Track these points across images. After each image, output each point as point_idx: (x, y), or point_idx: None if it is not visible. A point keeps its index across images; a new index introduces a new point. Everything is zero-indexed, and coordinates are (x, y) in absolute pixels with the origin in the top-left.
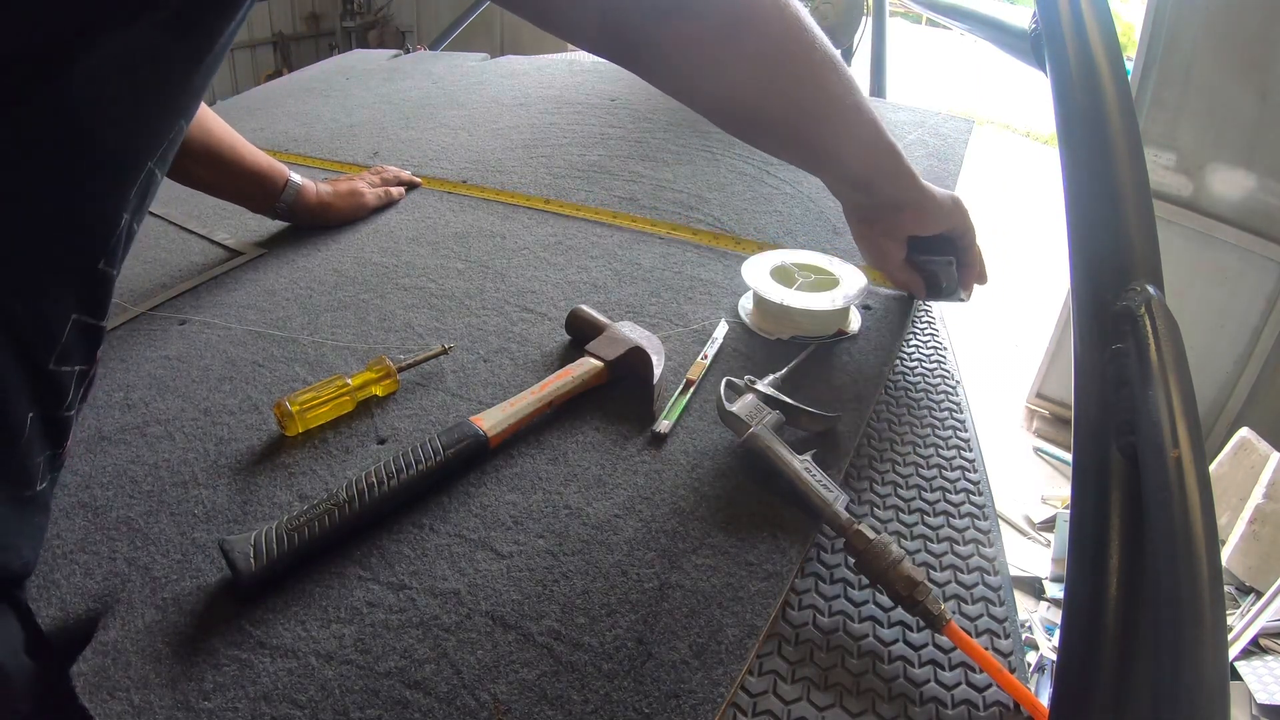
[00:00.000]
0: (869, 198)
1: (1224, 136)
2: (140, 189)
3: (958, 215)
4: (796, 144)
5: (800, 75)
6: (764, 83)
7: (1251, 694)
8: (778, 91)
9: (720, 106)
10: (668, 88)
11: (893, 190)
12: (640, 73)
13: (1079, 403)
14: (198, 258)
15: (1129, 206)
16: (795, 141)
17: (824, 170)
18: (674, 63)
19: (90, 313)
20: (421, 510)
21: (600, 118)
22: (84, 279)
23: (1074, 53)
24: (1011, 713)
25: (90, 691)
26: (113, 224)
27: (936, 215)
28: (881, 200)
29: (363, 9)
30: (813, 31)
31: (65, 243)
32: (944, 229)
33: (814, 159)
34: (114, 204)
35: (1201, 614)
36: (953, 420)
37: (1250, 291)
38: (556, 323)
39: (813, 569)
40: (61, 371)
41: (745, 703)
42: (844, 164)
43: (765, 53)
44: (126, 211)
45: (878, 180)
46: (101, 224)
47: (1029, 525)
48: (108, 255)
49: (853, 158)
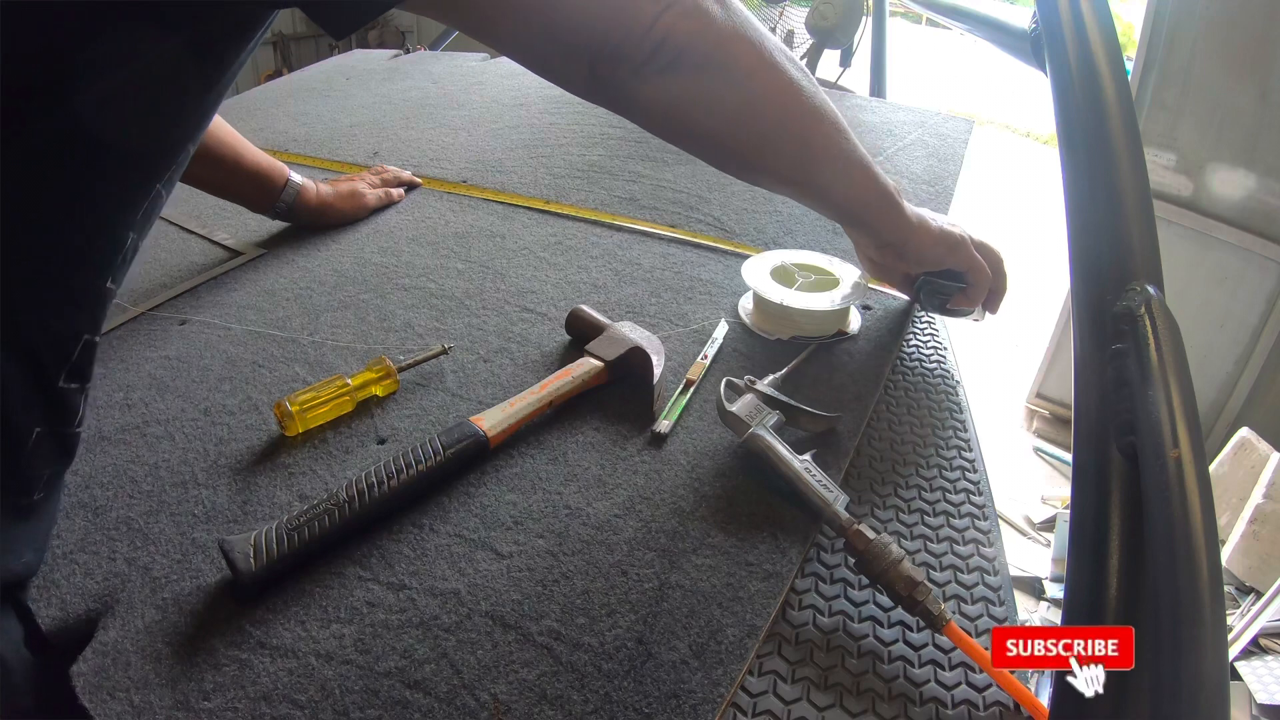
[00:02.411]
0: (864, 235)
1: (1224, 136)
2: (148, 209)
3: (958, 254)
4: (787, 185)
5: (787, 125)
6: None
7: (1251, 694)
8: (763, 141)
9: (709, 152)
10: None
11: (887, 232)
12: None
13: (1079, 403)
14: (198, 258)
15: (1129, 207)
16: (787, 183)
17: (818, 208)
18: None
19: (94, 330)
20: (421, 510)
21: (600, 118)
22: (93, 297)
23: (1074, 53)
24: (1011, 713)
25: (90, 691)
26: (120, 243)
27: (930, 257)
28: (876, 239)
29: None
30: (801, 82)
31: (78, 262)
32: (940, 268)
33: (806, 198)
34: (123, 224)
35: (1201, 614)
36: (953, 420)
37: (1250, 291)
38: (556, 323)
39: (813, 569)
40: (70, 389)
41: (745, 703)
42: (834, 204)
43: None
44: (133, 230)
45: (869, 219)
46: (111, 243)
47: (1029, 525)
48: (114, 273)
49: (843, 198)
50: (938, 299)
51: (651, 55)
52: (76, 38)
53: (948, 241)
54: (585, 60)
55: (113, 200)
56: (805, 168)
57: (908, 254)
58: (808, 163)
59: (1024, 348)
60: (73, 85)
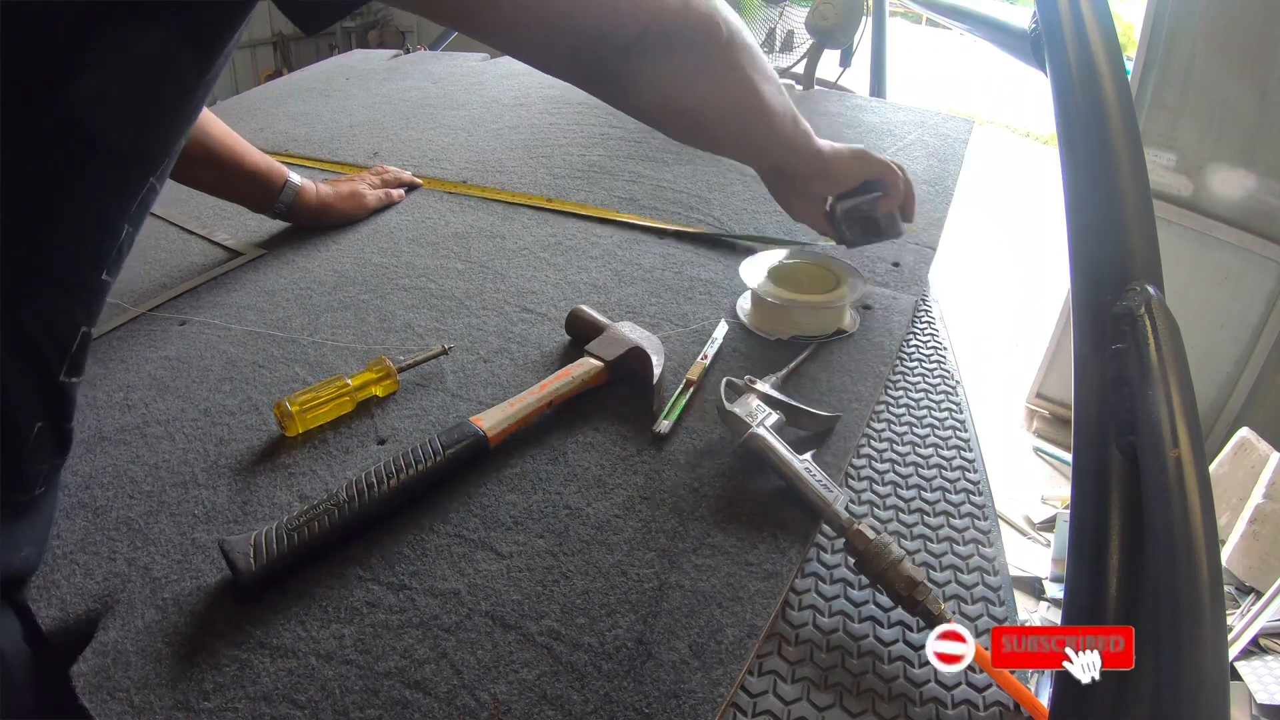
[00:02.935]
0: (784, 173)
1: (1224, 136)
2: (142, 201)
3: (865, 166)
4: (733, 145)
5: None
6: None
7: (1251, 694)
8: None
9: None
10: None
11: (804, 167)
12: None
13: (1079, 403)
14: (198, 258)
15: (1129, 207)
16: (732, 143)
17: (753, 162)
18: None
19: (91, 323)
20: (421, 510)
21: (600, 118)
22: (90, 290)
23: (1074, 53)
24: (1011, 713)
25: (90, 692)
26: (115, 235)
27: (842, 177)
28: (794, 174)
29: (363, 9)
30: (753, 47)
31: (75, 255)
32: (851, 185)
33: (746, 155)
34: (118, 216)
35: (1201, 614)
36: (953, 420)
37: (1250, 291)
38: (556, 323)
39: (813, 569)
40: (70, 383)
41: (745, 703)
42: (770, 155)
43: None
44: (128, 223)
45: (792, 162)
46: (107, 236)
47: (1029, 525)
48: (110, 266)
49: (777, 148)
50: (859, 221)
51: (638, 39)
52: (72, 36)
53: (855, 154)
54: (572, 48)
55: (108, 194)
56: (765, 130)
57: (831, 177)
58: (767, 127)
59: (1024, 348)
60: (67, 81)
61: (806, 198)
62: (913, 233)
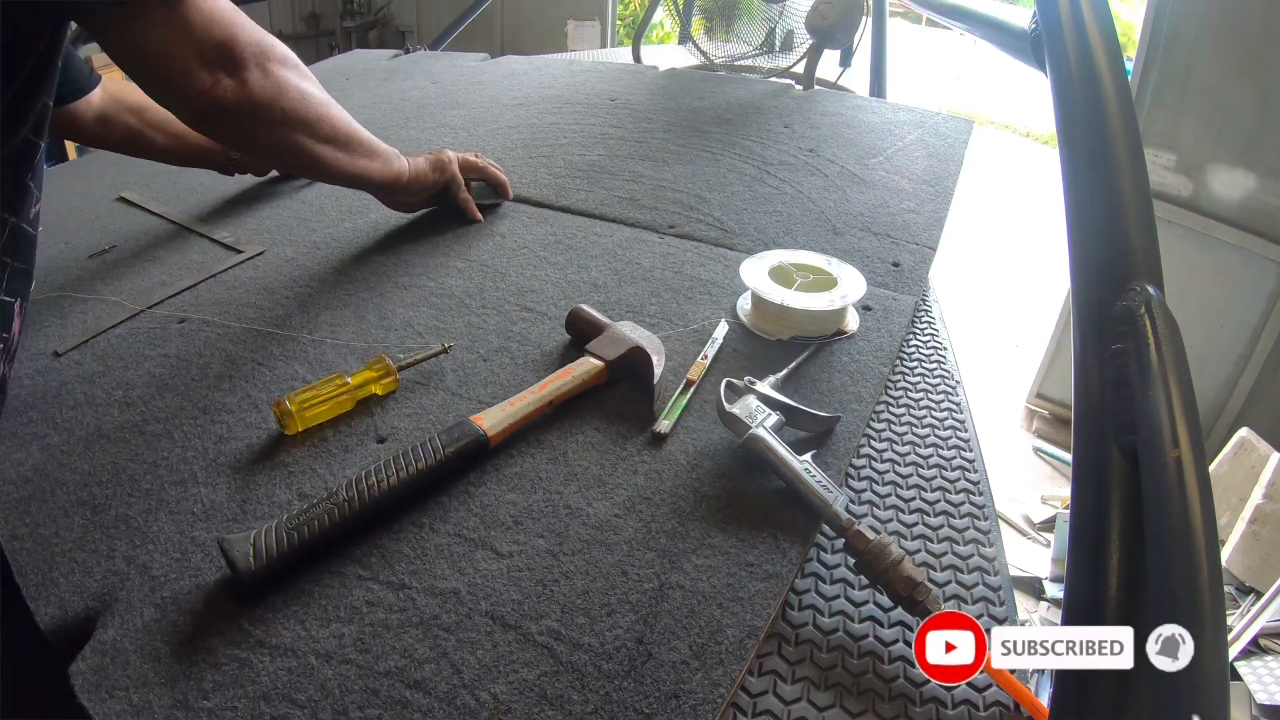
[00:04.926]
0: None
1: (1224, 136)
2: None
3: (440, 173)
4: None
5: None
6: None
7: (1251, 694)
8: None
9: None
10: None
11: (396, 187)
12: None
13: (1079, 403)
14: (197, 256)
15: (1129, 207)
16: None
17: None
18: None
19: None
20: (421, 510)
21: (600, 118)
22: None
23: (1074, 53)
24: (1011, 713)
25: (89, 690)
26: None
27: (422, 191)
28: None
29: (363, 9)
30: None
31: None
32: (434, 192)
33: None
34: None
35: (1201, 614)
36: (953, 420)
37: (1250, 291)
38: (556, 322)
39: (813, 569)
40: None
41: (745, 703)
42: (373, 181)
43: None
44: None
45: (387, 183)
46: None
47: (1029, 525)
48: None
49: (377, 174)
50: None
51: (202, 111)
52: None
53: (433, 165)
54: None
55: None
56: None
57: (413, 190)
58: (351, 172)
59: (1024, 348)
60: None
61: (404, 205)
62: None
